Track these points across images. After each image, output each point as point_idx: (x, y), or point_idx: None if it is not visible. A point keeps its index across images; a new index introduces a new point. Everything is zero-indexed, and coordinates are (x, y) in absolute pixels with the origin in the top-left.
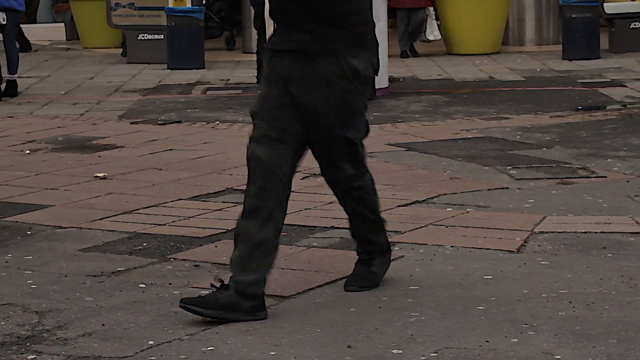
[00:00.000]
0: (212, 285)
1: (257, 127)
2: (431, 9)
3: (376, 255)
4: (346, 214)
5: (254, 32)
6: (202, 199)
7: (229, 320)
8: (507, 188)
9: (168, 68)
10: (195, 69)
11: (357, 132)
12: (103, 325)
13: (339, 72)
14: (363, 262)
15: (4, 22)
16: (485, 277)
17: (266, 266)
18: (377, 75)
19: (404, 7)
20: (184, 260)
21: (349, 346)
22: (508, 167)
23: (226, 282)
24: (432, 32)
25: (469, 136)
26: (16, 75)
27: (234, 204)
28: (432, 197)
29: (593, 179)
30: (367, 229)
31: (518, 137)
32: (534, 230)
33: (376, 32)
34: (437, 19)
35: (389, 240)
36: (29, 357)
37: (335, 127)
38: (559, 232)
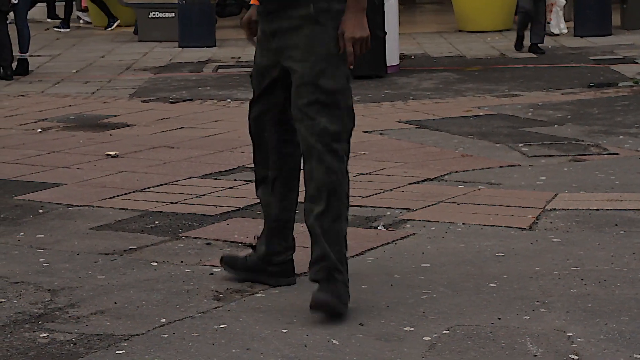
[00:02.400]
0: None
1: None
2: None
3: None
4: (308, 187)
5: None
6: (214, 177)
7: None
8: (519, 165)
9: (179, 46)
10: (207, 47)
11: (332, 81)
12: (115, 303)
13: (303, 13)
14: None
15: (16, 2)
16: (497, 254)
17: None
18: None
19: None
20: (196, 238)
21: (360, 324)
22: (520, 145)
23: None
24: (558, 25)
25: (481, 113)
26: (27, 53)
27: (246, 182)
28: (444, 175)
29: (605, 156)
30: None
31: (530, 114)
32: (546, 208)
33: (386, 9)
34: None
35: (401, 218)
36: (41, 335)
37: (305, 75)
38: (570, 210)
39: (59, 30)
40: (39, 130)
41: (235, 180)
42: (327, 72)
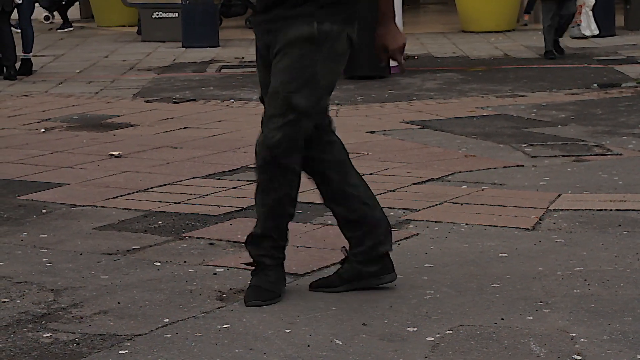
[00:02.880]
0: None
1: None
2: None
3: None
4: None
5: None
6: (217, 177)
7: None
8: (522, 166)
9: (182, 46)
10: (210, 47)
11: (305, 101)
12: (118, 303)
13: (305, 31)
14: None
15: (20, 2)
16: (500, 254)
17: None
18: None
19: None
20: (199, 238)
21: (364, 324)
22: (523, 145)
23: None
24: (589, 27)
25: (484, 114)
26: (31, 54)
27: (249, 182)
28: (447, 175)
29: (608, 156)
30: (279, 220)
31: (533, 114)
32: (549, 208)
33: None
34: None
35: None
36: (44, 335)
37: (282, 85)
38: (574, 210)
39: (62, 31)
40: (43, 130)
41: (238, 180)
42: (303, 92)
